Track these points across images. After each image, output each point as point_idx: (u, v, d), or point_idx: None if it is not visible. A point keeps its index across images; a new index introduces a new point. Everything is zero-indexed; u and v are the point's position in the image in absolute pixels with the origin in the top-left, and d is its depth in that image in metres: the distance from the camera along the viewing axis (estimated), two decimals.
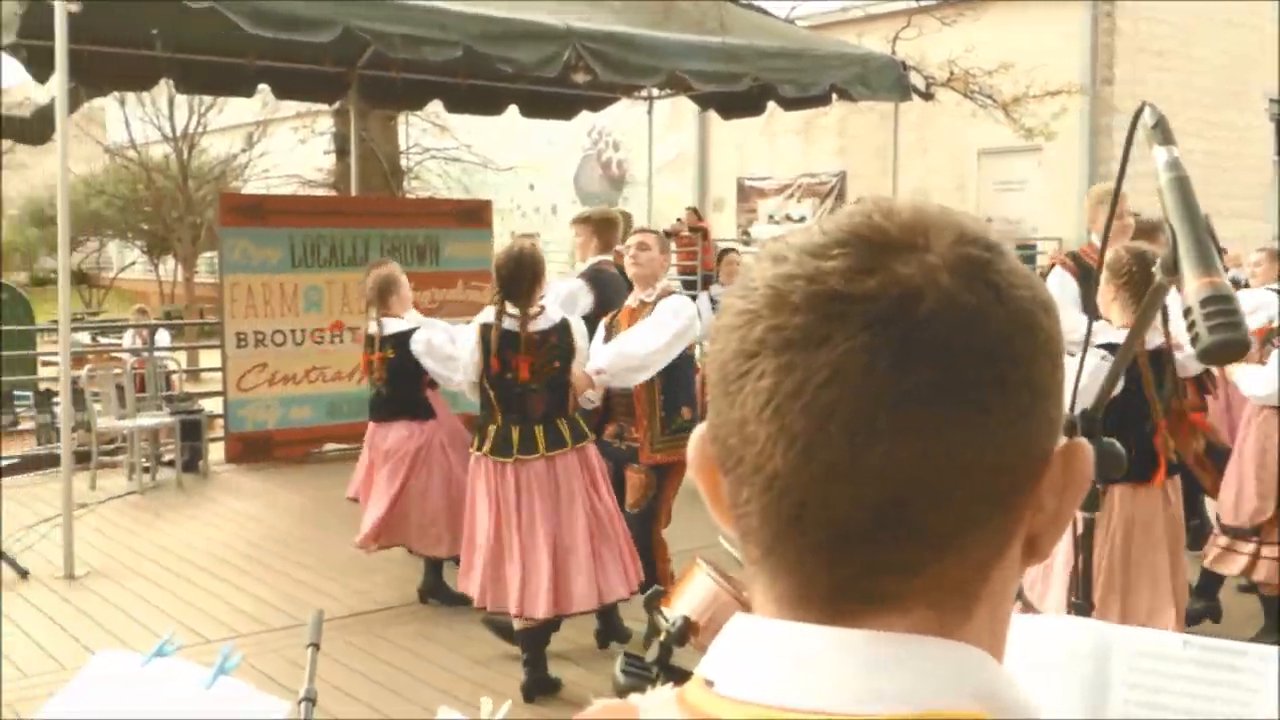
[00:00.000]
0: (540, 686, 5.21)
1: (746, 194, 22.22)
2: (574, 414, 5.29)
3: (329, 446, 10.78)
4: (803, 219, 21.14)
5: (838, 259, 0.69)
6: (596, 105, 12.62)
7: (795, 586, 0.70)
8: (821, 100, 10.56)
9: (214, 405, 10.77)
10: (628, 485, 5.63)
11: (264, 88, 11.22)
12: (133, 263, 32.52)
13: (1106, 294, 4.30)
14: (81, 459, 9.19)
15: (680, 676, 1.38)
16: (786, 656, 0.69)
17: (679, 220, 16.93)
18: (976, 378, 0.67)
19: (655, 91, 12.40)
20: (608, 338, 5.58)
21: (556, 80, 9.63)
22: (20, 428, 11.90)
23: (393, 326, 6.37)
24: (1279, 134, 19.05)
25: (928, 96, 11.68)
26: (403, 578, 6.68)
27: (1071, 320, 5.22)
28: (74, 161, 7.54)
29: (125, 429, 9.73)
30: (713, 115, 15.92)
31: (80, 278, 30.16)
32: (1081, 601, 1.83)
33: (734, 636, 0.73)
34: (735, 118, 12.52)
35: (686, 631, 1.88)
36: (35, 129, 11.85)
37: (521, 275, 5.09)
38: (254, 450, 10.34)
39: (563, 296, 6.20)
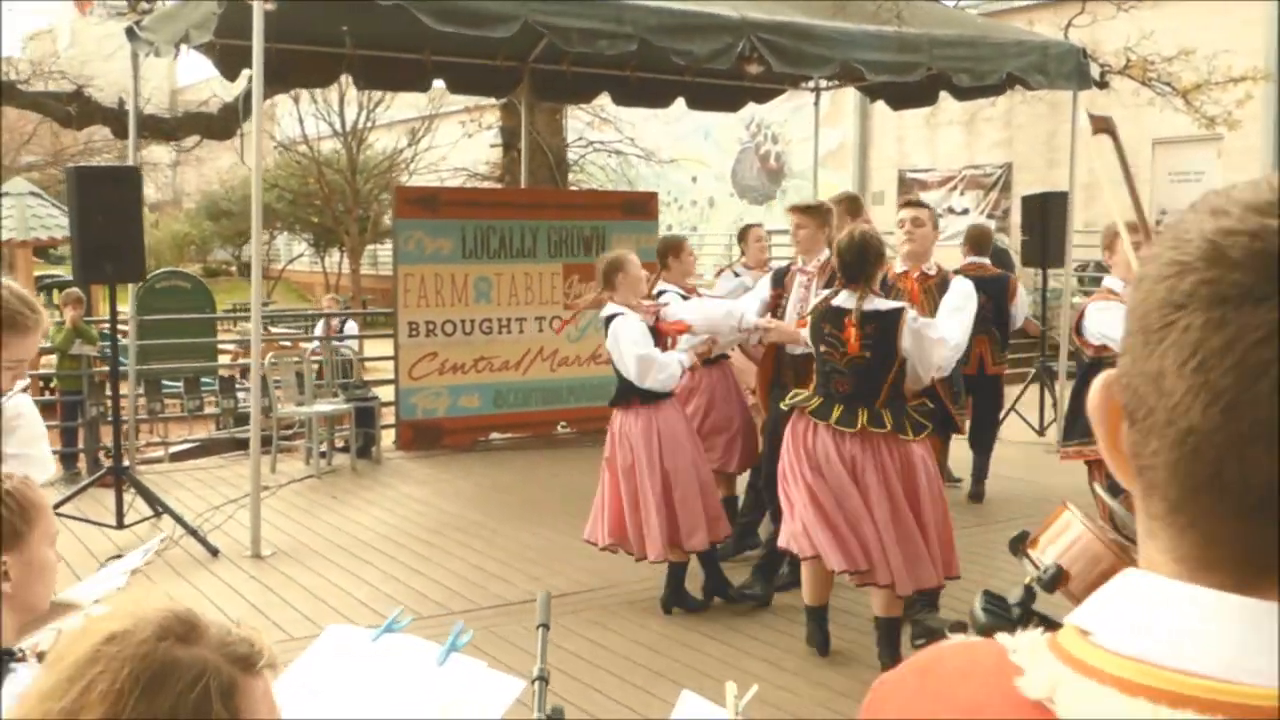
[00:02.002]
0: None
1: (908, 186, 21.89)
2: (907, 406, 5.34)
3: (494, 435, 10.97)
4: (965, 211, 20.76)
5: None
6: (762, 97, 12.55)
7: (1202, 549, 0.69)
8: (996, 90, 10.34)
9: (385, 394, 11.05)
10: None
11: (439, 83, 11.46)
12: (300, 254, 33.59)
13: None
14: (262, 443, 9.49)
15: (1040, 620, 1.34)
16: (1185, 619, 0.67)
17: None
18: None
19: (822, 83, 12.28)
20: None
21: (724, 72, 9.61)
22: (203, 413, 12.33)
23: (611, 310, 6.03)
24: None
25: (1103, 85, 11.31)
26: (576, 565, 6.74)
27: None
28: (250, 156, 7.83)
29: (303, 415, 10.05)
30: (874, 106, 15.73)
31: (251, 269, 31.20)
32: None
33: (1124, 591, 0.72)
34: (906, 109, 12.33)
35: (1059, 580, 1.83)
36: (220, 125, 12.32)
37: (866, 258, 5.24)
38: (424, 438, 10.58)
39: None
